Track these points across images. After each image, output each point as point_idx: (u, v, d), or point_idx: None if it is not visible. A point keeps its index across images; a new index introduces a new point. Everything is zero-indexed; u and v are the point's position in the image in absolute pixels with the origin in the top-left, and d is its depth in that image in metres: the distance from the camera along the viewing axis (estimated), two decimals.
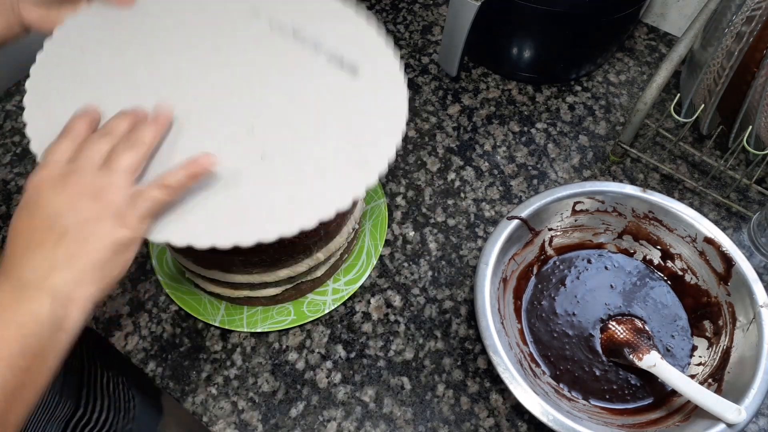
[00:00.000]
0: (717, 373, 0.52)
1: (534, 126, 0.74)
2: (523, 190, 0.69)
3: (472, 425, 0.55)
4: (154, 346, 0.59)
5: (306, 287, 0.59)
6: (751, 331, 0.51)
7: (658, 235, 0.59)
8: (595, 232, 0.61)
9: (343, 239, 0.56)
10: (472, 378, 0.57)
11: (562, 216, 0.59)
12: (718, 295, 0.55)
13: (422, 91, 0.76)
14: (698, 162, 0.70)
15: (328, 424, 0.55)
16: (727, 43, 0.58)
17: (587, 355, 0.56)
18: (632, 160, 0.71)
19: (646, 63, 0.79)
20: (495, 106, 0.75)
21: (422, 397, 0.56)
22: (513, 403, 0.56)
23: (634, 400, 0.54)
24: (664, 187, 0.69)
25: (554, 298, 0.59)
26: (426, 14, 0.84)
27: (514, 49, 0.73)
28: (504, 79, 0.78)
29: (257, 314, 0.59)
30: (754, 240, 0.64)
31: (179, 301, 0.60)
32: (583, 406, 0.53)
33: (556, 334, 0.57)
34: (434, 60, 0.79)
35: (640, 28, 0.83)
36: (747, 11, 0.57)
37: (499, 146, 0.72)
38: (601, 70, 0.79)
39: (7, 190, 0.69)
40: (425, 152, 0.71)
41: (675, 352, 0.56)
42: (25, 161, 0.71)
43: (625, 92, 0.77)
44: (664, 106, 0.74)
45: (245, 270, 0.53)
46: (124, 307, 0.61)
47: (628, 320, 0.57)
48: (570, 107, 0.75)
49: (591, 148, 0.72)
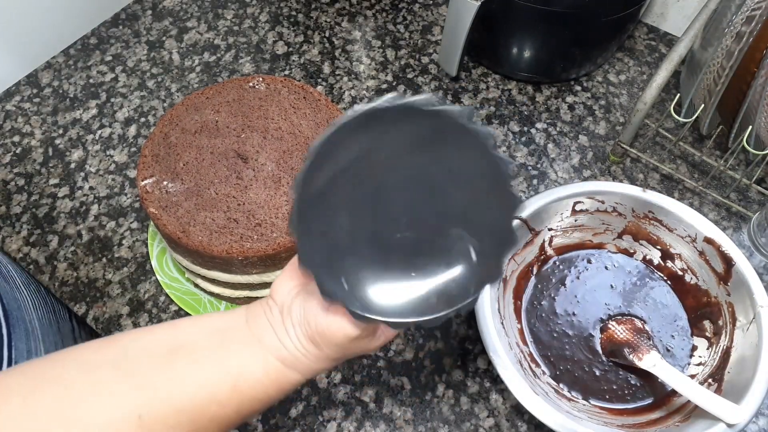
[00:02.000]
0: (717, 373, 0.52)
1: (534, 126, 0.74)
2: (523, 190, 0.69)
3: (472, 425, 0.55)
4: None
5: None
6: (751, 331, 0.51)
7: (658, 235, 0.59)
8: (595, 232, 0.61)
9: None
10: (472, 378, 0.57)
11: (562, 216, 0.59)
12: (718, 295, 0.55)
13: (422, 91, 0.76)
14: (698, 162, 0.70)
15: (328, 424, 0.55)
16: (727, 43, 0.58)
17: (587, 355, 0.56)
18: (632, 160, 0.71)
19: (646, 63, 0.79)
20: (495, 106, 0.75)
21: (422, 397, 0.56)
22: (513, 403, 0.56)
23: (634, 400, 0.54)
24: (664, 187, 0.69)
25: (554, 298, 0.59)
26: (426, 14, 0.84)
27: (514, 48, 0.73)
28: (504, 79, 0.78)
29: None
30: (754, 240, 0.64)
31: (179, 301, 0.60)
32: (583, 406, 0.53)
33: (556, 334, 0.57)
34: (434, 60, 0.79)
35: (640, 28, 0.83)
36: (747, 11, 0.57)
37: (499, 146, 0.72)
38: (601, 70, 0.79)
39: (7, 190, 0.69)
40: None
41: (675, 352, 0.56)
42: (25, 161, 0.71)
43: (625, 92, 0.77)
44: (664, 106, 0.74)
45: (245, 270, 0.53)
46: (124, 307, 0.61)
47: (628, 320, 0.57)
48: (570, 107, 0.75)
49: (591, 148, 0.72)
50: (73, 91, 0.77)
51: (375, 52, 0.80)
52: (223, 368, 0.35)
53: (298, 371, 0.37)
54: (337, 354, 0.37)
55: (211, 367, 0.35)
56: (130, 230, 0.66)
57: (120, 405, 0.33)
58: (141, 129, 0.73)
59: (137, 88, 0.77)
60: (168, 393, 0.34)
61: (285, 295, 0.38)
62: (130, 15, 0.84)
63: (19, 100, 0.76)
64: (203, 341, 0.36)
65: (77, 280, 0.63)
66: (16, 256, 0.65)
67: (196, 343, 0.36)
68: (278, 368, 0.36)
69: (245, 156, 0.55)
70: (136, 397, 0.33)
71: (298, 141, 0.56)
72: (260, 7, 0.85)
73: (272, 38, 0.82)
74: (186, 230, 0.51)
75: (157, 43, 0.81)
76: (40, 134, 0.73)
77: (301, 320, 0.36)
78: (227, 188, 0.53)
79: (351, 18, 0.84)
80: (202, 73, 0.78)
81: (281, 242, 0.51)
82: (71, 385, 0.33)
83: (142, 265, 0.64)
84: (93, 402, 0.33)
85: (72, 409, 0.32)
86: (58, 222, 0.67)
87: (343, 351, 0.37)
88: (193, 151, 0.55)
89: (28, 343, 0.57)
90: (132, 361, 0.35)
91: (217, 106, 0.58)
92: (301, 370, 0.37)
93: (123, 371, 0.34)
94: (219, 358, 0.35)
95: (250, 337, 0.36)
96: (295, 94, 0.59)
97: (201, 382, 0.34)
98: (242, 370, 0.35)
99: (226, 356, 0.36)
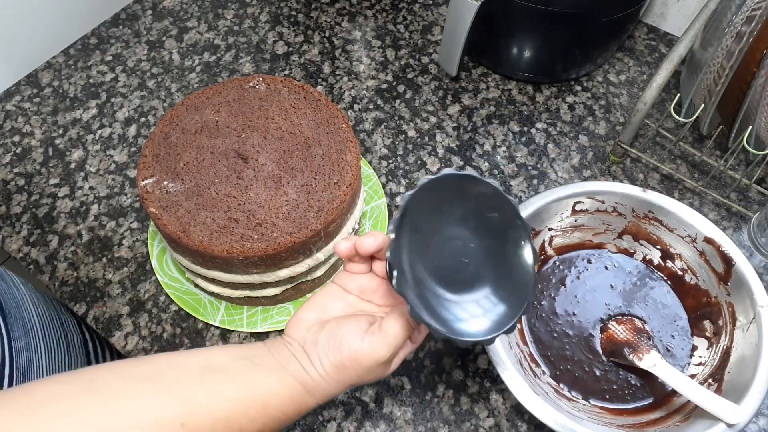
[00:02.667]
0: (717, 373, 0.52)
1: (534, 126, 0.74)
2: (523, 190, 0.69)
3: (472, 425, 0.55)
4: (154, 346, 0.59)
5: (306, 287, 0.59)
6: (751, 331, 0.51)
7: (658, 235, 0.59)
8: (595, 232, 0.61)
9: None
10: (472, 378, 0.57)
11: (562, 216, 0.59)
12: (718, 295, 0.55)
13: (422, 91, 0.76)
14: (698, 162, 0.70)
15: (328, 424, 0.55)
16: (727, 43, 0.58)
17: (587, 355, 0.56)
18: (632, 160, 0.71)
19: (646, 63, 0.79)
20: (495, 106, 0.75)
21: (422, 397, 0.56)
22: (513, 403, 0.56)
23: (634, 400, 0.54)
24: (664, 187, 0.69)
25: (554, 298, 0.59)
26: (426, 14, 0.84)
27: (514, 48, 0.73)
28: (504, 79, 0.78)
29: (257, 314, 0.59)
30: (754, 240, 0.64)
31: (179, 301, 0.60)
32: (583, 406, 0.53)
33: (556, 334, 0.57)
34: (434, 60, 0.79)
35: (640, 28, 0.83)
36: (747, 11, 0.57)
37: (499, 146, 0.72)
38: (601, 70, 0.79)
39: (7, 190, 0.69)
40: (425, 152, 0.71)
41: (675, 352, 0.56)
42: (25, 161, 0.71)
43: (625, 92, 0.77)
44: (664, 106, 0.74)
45: (245, 270, 0.53)
46: (124, 307, 0.61)
47: (628, 320, 0.57)
48: (570, 107, 0.75)
49: (591, 148, 0.72)
50: (73, 91, 0.77)
51: (375, 52, 0.80)
52: (254, 388, 0.39)
53: (314, 396, 0.41)
54: (358, 379, 0.42)
55: (244, 386, 0.39)
56: (130, 230, 0.66)
57: (164, 412, 0.36)
58: (141, 129, 0.73)
59: (137, 88, 0.77)
60: (207, 405, 0.37)
61: (305, 332, 0.42)
62: (130, 15, 0.84)
63: (19, 100, 0.76)
64: (233, 365, 0.40)
65: (77, 280, 0.63)
66: (16, 256, 0.65)
67: (227, 365, 0.40)
68: (300, 392, 0.41)
69: (245, 156, 0.55)
70: (178, 406, 0.37)
71: (298, 141, 0.56)
72: (260, 7, 0.85)
73: (272, 38, 0.82)
74: (186, 230, 0.51)
75: (157, 43, 0.81)
76: (40, 134, 0.73)
77: (328, 349, 0.41)
78: (227, 188, 0.53)
79: (351, 18, 0.84)
80: (202, 73, 0.78)
81: (281, 242, 0.51)
82: (117, 392, 0.36)
83: (142, 265, 0.64)
84: (139, 407, 0.36)
85: (121, 412, 0.35)
86: (58, 222, 0.67)
87: (365, 375, 0.41)
88: (194, 151, 0.55)
89: (27, 341, 0.57)
90: (169, 377, 0.38)
91: (217, 106, 0.58)
92: (317, 395, 0.41)
93: (163, 385, 0.37)
94: (250, 380, 0.40)
95: (276, 364, 0.41)
96: (295, 94, 0.59)
97: (235, 399, 0.38)
98: (271, 392, 0.40)
99: (257, 378, 0.40)
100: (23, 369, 0.54)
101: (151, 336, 0.60)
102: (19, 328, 0.56)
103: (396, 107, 0.75)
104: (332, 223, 0.53)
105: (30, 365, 0.55)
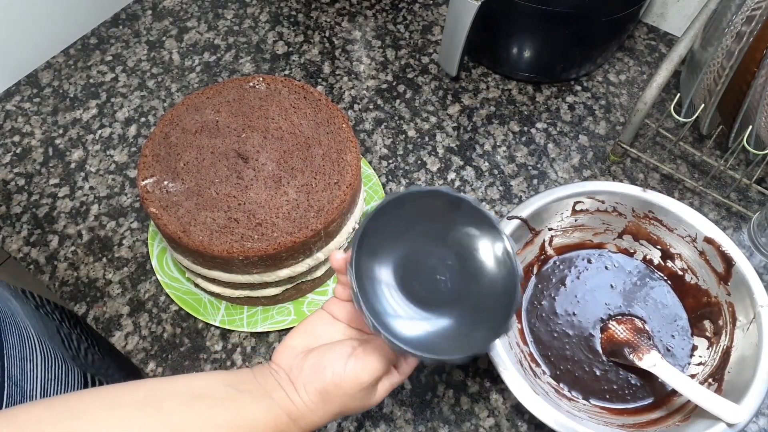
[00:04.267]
0: (717, 373, 0.52)
1: (534, 126, 0.74)
2: (523, 190, 0.69)
3: (472, 425, 0.55)
4: (154, 345, 0.59)
5: (306, 287, 0.59)
6: (751, 331, 0.51)
7: (658, 235, 0.59)
8: (595, 232, 0.61)
9: (343, 239, 0.56)
10: (472, 378, 0.57)
11: (562, 216, 0.59)
12: (718, 295, 0.55)
13: (422, 91, 0.76)
14: (698, 162, 0.70)
15: (328, 424, 0.55)
16: (727, 43, 0.58)
17: (587, 355, 0.56)
18: (632, 159, 0.71)
19: (646, 63, 0.79)
20: (495, 106, 0.75)
21: (422, 397, 0.56)
22: (513, 403, 0.56)
23: (634, 400, 0.54)
24: (664, 187, 0.69)
25: (554, 297, 0.59)
26: (426, 14, 0.84)
27: (514, 48, 0.73)
28: (504, 79, 0.78)
29: (257, 314, 0.59)
30: (754, 240, 0.64)
31: (179, 301, 0.60)
32: (583, 405, 0.53)
33: (557, 334, 0.57)
34: (434, 60, 0.79)
35: (640, 28, 0.83)
36: (747, 11, 0.57)
37: (499, 146, 0.72)
38: (601, 70, 0.79)
39: (7, 190, 0.69)
40: (425, 152, 0.71)
41: (675, 352, 0.56)
42: (25, 161, 0.71)
43: (625, 92, 0.77)
44: (664, 106, 0.74)
45: (245, 270, 0.53)
46: (124, 307, 0.61)
47: (628, 320, 0.57)
48: (570, 107, 0.75)
49: (591, 148, 0.72)
50: (73, 91, 0.77)
51: (375, 52, 0.80)
52: (240, 415, 0.40)
53: (299, 426, 0.42)
54: (343, 406, 0.42)
55: (231, 412, 0.39)
56: (131, 230, 0.66)
57: None
58: (141, 129, 0.73)
59: (137, 88, 0.77)
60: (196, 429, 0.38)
61: (291, 359, 0.43)
62: (130, 15, 0.84)
63: (19, 100, 0.76)
64: (220, 392, 0.40)
65: (77, 280, 0.63)
66: (17, 256, 0.65)
67: (214, 392, 0.40)
68: (285, 421, 0.41)
69: (246, 156, 0.55)
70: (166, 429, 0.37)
71: (298, 141, 0.56)
72: (260, 7, 0.85)
73: (272, 38, 0.82)
74: (186, 230, 0.51)
75: (157, 43, 0.81)
76: (40, 134, 0.73)
77: (313, 376, 0.41)
78: (228, 188, 0.53)
79: (351, 18, 0.84)
80: (202, 73, 0.78)
81: (282, 242, 0.51)
82: (102, 418, 0.36)
83: (142, 264, 0.64)
84: None
85: None
86: (58, 222, 0.67)
87: (349, 402, 0.42)
88: (194, 151, 0.55)
89: (22, 350, 0.56)
90: (157, 402, 0.38)
91: (217, 106, 0.58)
92: (303, 425, 0.42)
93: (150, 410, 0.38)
94: (237, 407, 0.40)
95: (261, 391, 0.41)
96: (295, 94, 0.59)
97: (223, 424, 0.39)
98: (257, 419, 0.40)
99: (243, 405, 0.40)
100: (15, 379, 0.53)
101: (151, 336, 0.60)
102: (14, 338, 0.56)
103: (396, 107, 0.75)
104: (332, 223, 0.53)
105: (23, 375, 0.55)
